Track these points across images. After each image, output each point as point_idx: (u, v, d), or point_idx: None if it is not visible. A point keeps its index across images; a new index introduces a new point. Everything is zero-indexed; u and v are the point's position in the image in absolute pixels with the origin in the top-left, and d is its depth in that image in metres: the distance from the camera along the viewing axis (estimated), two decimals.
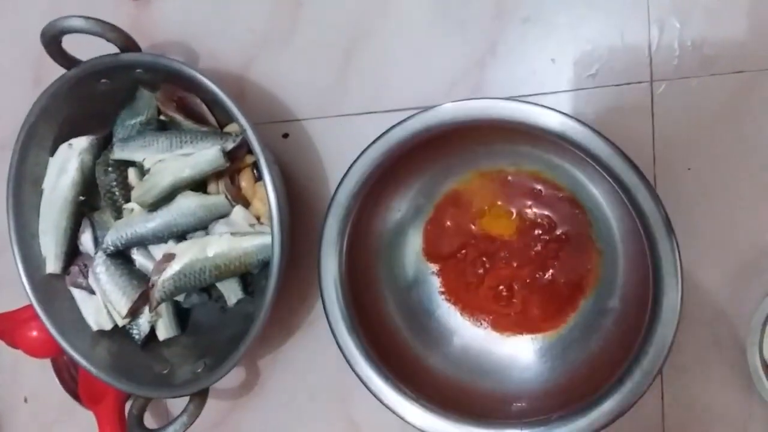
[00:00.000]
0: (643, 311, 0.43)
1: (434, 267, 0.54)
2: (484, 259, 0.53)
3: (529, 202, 0.51)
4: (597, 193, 0.49)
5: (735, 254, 0.49)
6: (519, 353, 0.51)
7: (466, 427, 0.45)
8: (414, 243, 0.54)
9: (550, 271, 0.51)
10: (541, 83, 0.51)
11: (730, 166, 0.48)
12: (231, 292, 0.56)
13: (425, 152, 0.48)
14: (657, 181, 0.49)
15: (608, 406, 0.42)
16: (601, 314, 0.49)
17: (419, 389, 0.47)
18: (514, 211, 0.52)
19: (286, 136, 0.58)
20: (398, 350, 0.50)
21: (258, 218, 0.55)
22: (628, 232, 0.47)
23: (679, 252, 0.40)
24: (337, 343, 0.47)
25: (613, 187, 0.43)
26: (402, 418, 0.46)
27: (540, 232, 0.51)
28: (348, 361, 0.47)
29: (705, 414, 0.50)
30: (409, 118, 0.45)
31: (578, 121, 0.41)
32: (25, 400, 0.68)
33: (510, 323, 0.52)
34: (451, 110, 0.44)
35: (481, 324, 0.53)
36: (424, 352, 0.51)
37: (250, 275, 0.57)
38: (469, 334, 0.52)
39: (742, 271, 0.48)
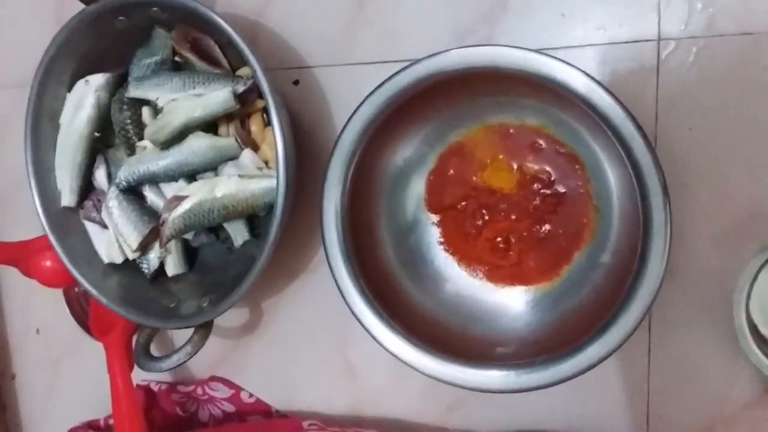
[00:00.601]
0: (633, 265, 0.44)
1: (435, 217, 0.55)
2: (484, 211, 0.54)
3: (530, 157, 0.52)
4: (597, 149, 0.49)
5: (728, 214, 0.49)
6: (511, 303, 0.52)
7: (455, 366, 0.46)
8: (415, 190, 0.55)
9: (547, 225, 0.52)
10: (551, 38, 0.52)
11: (730, 128, 0.49)
12: (238, 233, 0.58)
13: (430, 101, 0.49)
14: (658, 139, 0.49)
15: (592, 351, 0.43)
16: (593, 268, 0.50)
17: (411, 329, 0.48)
18: (515, 165, 0.53)
19: (296, 83, 0.59)
20: (393, 291, 0.52)
21: (266, 163, 0.56)
22: (625, 189, 0.48)
23: (669, 204, 0.41)
24: (334, 278, 0.49)
25: (613, 142, 0.44)
26: (393, 355, 0.48)
27: (539, 186, 0.52)
28: (343, 296, 0.48)
29: (691, 370, 0.51)
30: (415, 62, 0.46)
31: (581, 70, 0.42)
32: (37, 332, 0.71)
33: (505, 275, 0.53)
34: (457, 56, 0.45)
35: (477, 274, 0.54)
36: (418, 296, 0.53)
37: (256, 218, 0.58)
38: (464, 282, 0.54)
39: (734, 232, 0.49)
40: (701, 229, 0.50)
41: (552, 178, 0.51)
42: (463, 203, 0.54)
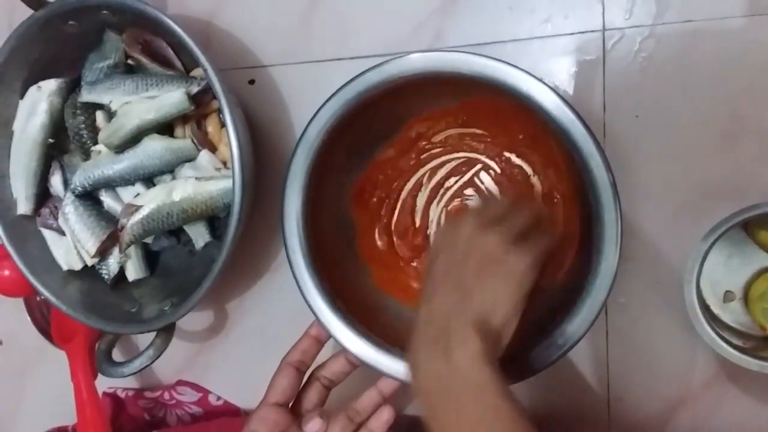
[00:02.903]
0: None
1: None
2: None
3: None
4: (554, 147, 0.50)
5: (676, 198, 0.50)
6: None
7: None
8: None
9: None
10: (500, 32, 0.52)
11: (674, 114, 0.50)
12: (199, 235, 0.57)
13: (398, 100, 0.48)
14: (606, 127, 0.50)
15: (559, 340, 0.43)
16: None
17: (372, 328, 0.48)
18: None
19: (252, 82, 0.59)
20: (354, 289, 0.52)
21: (224, 163, 0.56)
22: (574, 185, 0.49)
23: (619, 202, 0.42)
24: (295, 277, 0.48)
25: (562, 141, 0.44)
26: (352, 353, 0.47)
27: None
28: (303, 295, 0.48)
29: (649, 352, 0.52)
30: (384, 63, 0.45)
31: (529, 73, 0.43)
32: (0, 342, 0.70)
33: None
34: (422, 60, 0.45)
35: None
36: (378, 297, 0.53)
37: (217, 219, 0.58)
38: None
39: (682, 215, 0.50)
40: (651, 214, 0.51)
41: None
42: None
